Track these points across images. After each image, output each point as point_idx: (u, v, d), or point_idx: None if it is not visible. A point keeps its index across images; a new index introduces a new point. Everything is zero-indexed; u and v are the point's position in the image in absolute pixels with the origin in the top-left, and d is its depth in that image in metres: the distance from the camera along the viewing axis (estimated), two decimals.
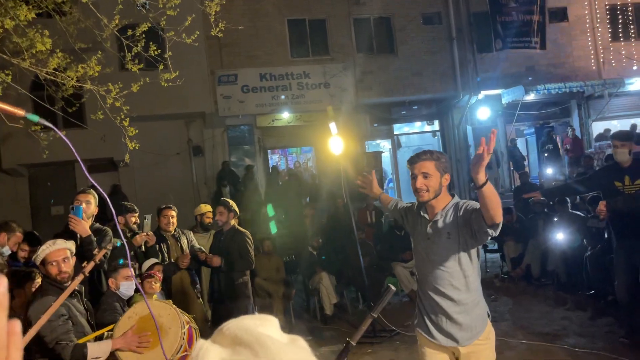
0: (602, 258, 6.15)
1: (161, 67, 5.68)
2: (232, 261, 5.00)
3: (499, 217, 2.37)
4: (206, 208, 6.52)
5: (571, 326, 5.84)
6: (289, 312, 7.49)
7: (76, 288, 3.33)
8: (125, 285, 3.75)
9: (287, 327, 7.05)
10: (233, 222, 5.20)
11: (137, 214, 4.96)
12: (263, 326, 0.76)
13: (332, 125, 6.22)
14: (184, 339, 3.28)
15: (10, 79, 5.00)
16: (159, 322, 3.25)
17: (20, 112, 1.50)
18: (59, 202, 12.71)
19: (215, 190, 12.85)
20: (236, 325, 0.74)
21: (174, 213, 5.33)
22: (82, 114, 10.97)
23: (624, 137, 4.84)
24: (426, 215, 2.78)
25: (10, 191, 12.05)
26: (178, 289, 5.13)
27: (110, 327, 3.26)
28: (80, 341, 2.97)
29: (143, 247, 4.89)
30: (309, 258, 7.84)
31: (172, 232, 5.28)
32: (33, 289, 3.34)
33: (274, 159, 16.09)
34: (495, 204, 2.34)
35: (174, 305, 3.45)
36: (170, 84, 5.57)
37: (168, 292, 5.05)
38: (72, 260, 3.25)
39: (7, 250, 4.18)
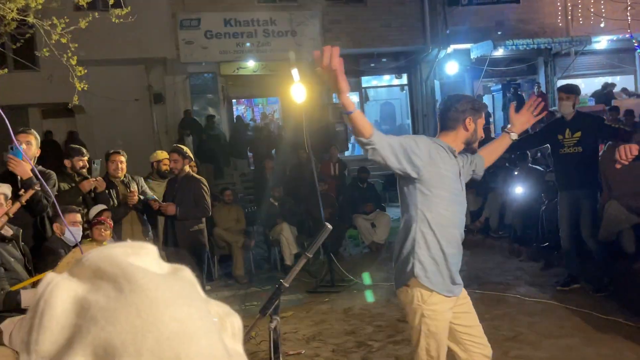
0: (557, 211, 6.27)
1: (112, 1, 5.30)
2: (187, 209, 4.87)
3: None
4: (163, 155, 6.29)
5: (523, 276, 5.99)
6: (249, 262, 7.46)
7: (12, 232, 3.16)
8: (72, 230, 3.59)
9: (247, 277, 6.98)
10: (187, 168, 5.02)
11: (85, 158, 4.72)
12: (135, 255, 0.60)
13: (294, 72, 6.01)
14: None
15: None
16: None
17: None
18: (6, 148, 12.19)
19: (177, 139, 12.52)
20: (99, 255, 0.59)
21: (122, 158, 5.10)
22: (34, 55, 10.38)
23: (569, 90, 5.02)
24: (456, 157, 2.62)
25: None
26: (128, 236, 4.98)
27: (45, 274, 3.12)
28: (14, 288, 2.83)
29: (92, 193, 4.69)
30: (270, 209, 7.76)
31: (122, 178, 5.08)
32: None
33: (240, 109, 15.76)
34: None
35: None
36: (121, 20, 5.23)
37: (119, 239, 4.91)
38: (7, 205, 3.06)
39: None
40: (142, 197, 5.13)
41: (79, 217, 3.68)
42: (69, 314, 0.55)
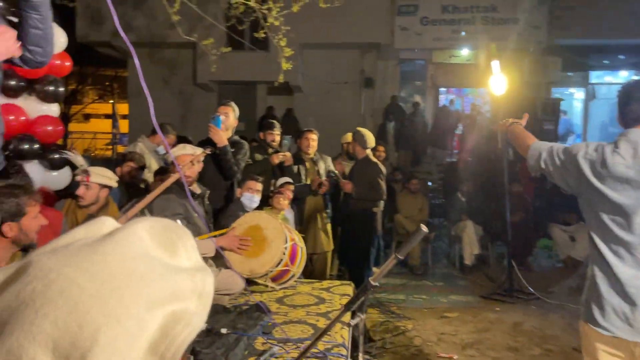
0: None
1: None
2: (362, 190, 4.98)
3: None
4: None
5: None
6: (427, 254, 7.33)
7: (200, 191, 3.63)
8: (247, 196, 3.97)
9: (422, 268, 6.85)
10: (367, 152, 5.11)
11: (277, 132, 5.11)
12: (159, 232, 0.59)
13: (495, 63, 5.62)
14: (284, 253, 3.40)
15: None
16: (263, 235, 3.41)
17: None
18: (240, 118, 13.88)
19: (380, 123, 12.83)
20: (139, 219, 0.59)
21: (314, 137, 5.41)
22: (266, 39, 11.59)
23: None
24: None
25: (201, 104, 13.47)
26: (311, 209, 5.30)
27: (224, 230, 3.51)
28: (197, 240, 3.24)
29: (280, 166, 5.07)
30: (457, 203, 7.48)
31: (311, 156, 5.40)
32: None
33: (449, 98, 15.39)
34: None
35: (281, 221, 3.56)
36: (328, 5, 5.52)
37: (301, 211, 5.26)
38: (199, 166, 3.51)
39: (161, 150, 4.70)
40: (332, 176, 5.40)
41: (258, 185, 4.03)
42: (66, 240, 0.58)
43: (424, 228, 1.36)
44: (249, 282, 3.50)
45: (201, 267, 0.60)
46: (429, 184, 10.62)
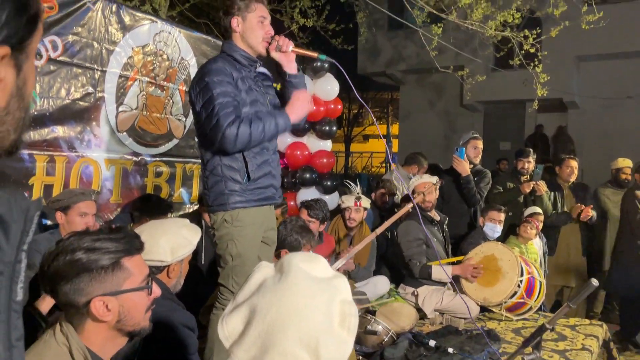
0: None
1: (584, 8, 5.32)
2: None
3: None
4: (624, 163, 5.89)
5: None
6: None
7: (439, 218, 3.96)
8: (489, 226, 4.11)
9: None
10: None
11: (527, 160, 5.03)
12: (308, 262, 1.05)
13: None
14: (519, 286, 3.46)
15: (441, 31, 5.84)
16: (498, 266, 3.55)
17: (314, 54, 2.19)
18: (507, 138, 13.57)
19: None
20: (289, 256, 1.07)
21: (576, 164, 5.19)
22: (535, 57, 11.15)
23: None
24: None
25: (466, 124, 13.66)
26: (565, 239, 5.07)
27: (460, 257, 3.76)
28: (433, 264, 3.60)
29: (532, 195, 4.99)
30: None
31: (570, 184, 5.16)
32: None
33: None
34: None
35: (518, 254, 3.62)
36: (592, 26, 5.20)
37: (554, 241, 5.06)
38: (431, 196, 3.84)
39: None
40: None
41: (501, 215, 4.13)
42: (255, 284, 1.05)
43: (594, 282, 1.44)
44: (488, 309, 3.67)
45: (335, 275, 1.01)
46: None
